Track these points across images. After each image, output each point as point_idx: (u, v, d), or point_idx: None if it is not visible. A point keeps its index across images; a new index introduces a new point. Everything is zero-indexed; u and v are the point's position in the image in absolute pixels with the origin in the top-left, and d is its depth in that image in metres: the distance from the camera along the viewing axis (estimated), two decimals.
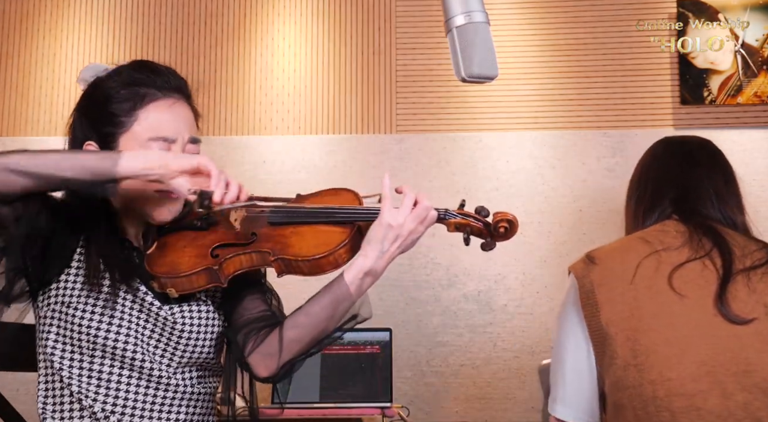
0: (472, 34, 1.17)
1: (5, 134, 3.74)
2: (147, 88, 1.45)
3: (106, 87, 1.47)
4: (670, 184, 1.62)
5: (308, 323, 1.44)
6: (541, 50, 3.67)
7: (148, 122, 1.43)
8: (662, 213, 1.58)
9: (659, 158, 1.71)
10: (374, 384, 3.07)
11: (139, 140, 1.43)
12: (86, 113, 1.49)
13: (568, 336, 1.50)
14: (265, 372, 1.47)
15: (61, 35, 3.82)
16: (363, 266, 1.42)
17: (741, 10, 3.56)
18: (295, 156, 3.59)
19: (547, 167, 3.57)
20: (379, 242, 1.42)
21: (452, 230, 1.51)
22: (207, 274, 1.43)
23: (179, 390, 1.44)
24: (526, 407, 3.40)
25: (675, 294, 1.38)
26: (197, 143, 1.51)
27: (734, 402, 1.30)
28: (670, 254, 1.44)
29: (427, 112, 3.66)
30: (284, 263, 1.43)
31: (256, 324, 1.50)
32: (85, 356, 1.40)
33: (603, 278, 1.46)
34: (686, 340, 1.35)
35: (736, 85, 3.53)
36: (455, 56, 1.18)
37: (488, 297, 3.49)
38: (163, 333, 1.43)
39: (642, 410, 1.35)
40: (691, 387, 1.32)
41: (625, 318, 1.40)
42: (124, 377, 1.40)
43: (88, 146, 1.47)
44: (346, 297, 1.44)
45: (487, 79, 1.18)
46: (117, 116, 1.44)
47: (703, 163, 1.65)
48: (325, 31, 3.75)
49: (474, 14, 1.17)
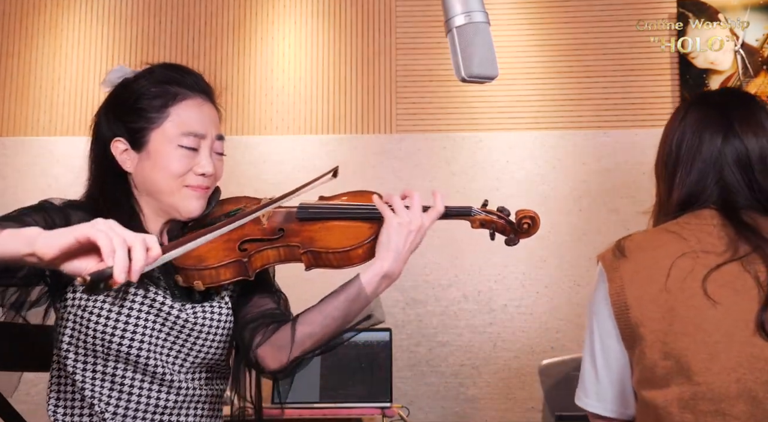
0: (472, 34, 1.16)
1: (5, 134, 3.74)
2: (178, 87, 1.50)
3: (137, 85, 1.50)
4: (712, 163, 1.47)
5: (321, 320, 1.46)
6: (541, 50, 3.67)
7: (180, 119, 1.47)
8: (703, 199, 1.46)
9: (700, 125, 1.51)
10: (374, 384, 3.07)
11: (171, 136, 1.46)
12: (115, 111, 1.51)
13: (599, 329, 1.48)
14: (274, 365, 1.48)
15: (61, 35, 3.82)
16: (381, 269, 1.46)
17: (741, 10, 3.56)
18: (295, 156, 3.59)
19: (547, 167, 3.57)
20: (393, 242, 1.45)
21: (477, 226, 1.57)
22: (236, 267, 1.44)
23: (189, 393, 1.46)
24: (526, 407, 3.40)
25: (708, 299, 1.34)
26: (223, 140, 1.55)
27: (763, 411, 1.28)
28: (707, 257, 1.38)
29: (427, 112, 3.66)
30: (313, 256, 1.47)
31: (264, 320, 1.52)
32: (99, 360, 1.41)
33: (634, 276, 1.42)
34: (717, 346, 1.32)
35: (736, 86, 3.53)
36: (455, 56, 1.18)
37: (488, 297, 3.49)
38: (178, 337, 1.44)
39: (664, 410, 1.34)
40: (719, 392, 1.30)
41: (656, 320, 1.37)
42: (137, 381, 1.41)
43: (116, 142, 1.49)
44: (362, 298, 1.46)
45: (487, 79, 1.18)
46: (148, 112, 1.48)
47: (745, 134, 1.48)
48: (325, 31, 3.75)
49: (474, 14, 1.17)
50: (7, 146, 3.71)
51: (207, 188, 1.51)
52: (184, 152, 1.47)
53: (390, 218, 1.46)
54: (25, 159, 3.70)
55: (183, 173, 1.47)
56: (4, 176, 3.68)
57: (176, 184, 1.47)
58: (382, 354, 3.12)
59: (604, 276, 1.46)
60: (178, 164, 1.46)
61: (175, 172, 1.46)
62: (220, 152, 1.54)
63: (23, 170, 3.68)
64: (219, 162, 1.53)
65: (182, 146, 1.46)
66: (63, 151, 3.67)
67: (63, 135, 3.71)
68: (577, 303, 3.41)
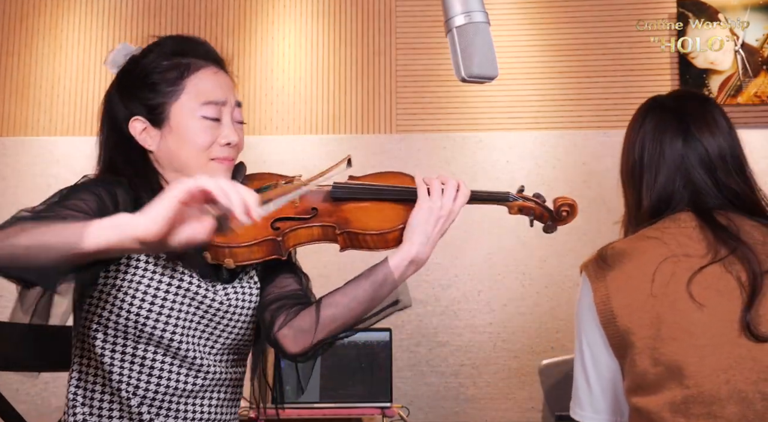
0: (472, 34, 1.16)
1: (5, 134, 3.74)
2: (190, 57, 1.46)
3: (147, 61, 1.46)
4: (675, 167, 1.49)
5: (347, 303, 1.43)
6: (541, 50, 3.67)
7: (197, 89, 1.44)
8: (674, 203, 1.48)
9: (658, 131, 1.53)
10: (374, 384, 3.07)
11: (191, 106, 1.43)
12: (128, 90, 1.47)
13: (587, 340, 1.48)
14: (295, 348, 1.44)
15: (61, 35, 3.82)
16: (409, 253, 1.42)
17: (741, 10, 3.56)
18: (295, 156, 3.59)
19: (547, 167, 3.58)
20: (422, 226, 1.43)
21: (515, 212, 1.56)
22: (269, 245, 1.41)
23: (216, 376, 1.45)
24: (526, 407, 3.40)
25: (693, 302, 1.34)
26: (241, 108, 1.52)
27: (753, 412, 1.29)
28: (690, 260, 1.38)
29: (427, 112, 3.66)
30: (350, 237, 1.44)
31: (287, 301, 1.48)
32: (129, 342, 1.38)
33: (618, 284, 1.42)
34: (705, 349, 1.33)
35: (736, 85, 3.53)
36: (455, 56, 1.18)
37: (488, 297, 3.49)
38: (211, 320, 1.42)
39: (656, 415, 1.34)
40: (710, 394, 1.30)
41: (644, 326, 1.37)
42: (167, 364, 1.40)
43: (134, 121, 1.45)
44: (389, 282, 1.43)
45: (487, 79, 1.18)
46: (164, 87, 1.44)
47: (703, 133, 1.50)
48: (325, 31, 3.75)
49: (474, 14, 1.17)
50: (7, 146, 3.71)
51: (232, 159, 1.48)
52: (208, 123, 1.43)
53: (423, 201, 1.44)
54: (25, 159, 3.70)
55: (209, 144, 1.43)
56: (4, 176, 3.68)
57: (203, 157, 1.43)
58: (382, 354, 3.12)
59: (589, 286, 1.47)
60: (203, 135, 1.42)
61: (201, 144, 1.42)
62: (240, 121, 1.50)
63: (23, 170, 3.68)
64: (240, 131, 1.50)
65: (205, 116, 1.43)
66: (63, 151, 3.67)
67: (63, 135, 3.71)
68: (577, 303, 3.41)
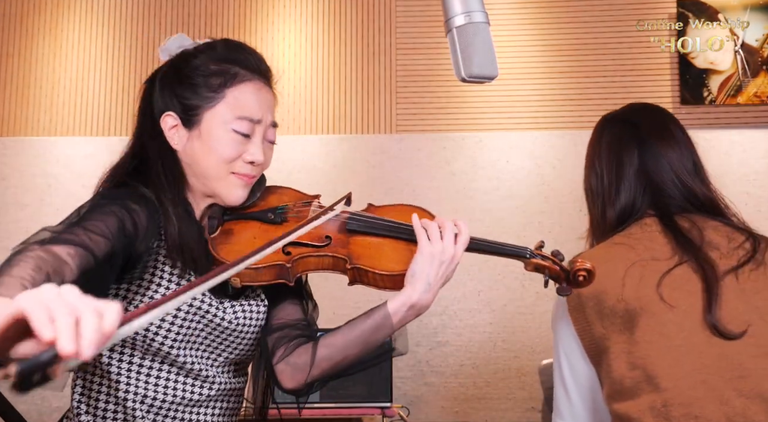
0: (472, 34, 1.16)
1: (5, 134, 3.74)
2: (239, 67, 1.44)
3: (197, 60, 1.44)
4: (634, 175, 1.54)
5: (343, 345, 1.43)
6: (541, 50, 3.67)
7: (236, 101, 1.41)
8: (637, 210, 1.52)
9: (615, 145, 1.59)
10: (374, 384, 3.06)
11: (225, 118, 1.40)
12: (170, 84, 1.45)
13: (564, 350, 1.49)
14: (291, 384, 1.46)
15: (61, 35, 3.82)
16: (410, 299, 1.38)
17: (741, 10, 3.56)
18: (295, 156, 3.59)
19: (547, 167, 3.57)
20: (424, 273, 1.38)
21: (530, 269, 1.48)
22: (277, 270, 1.39)
23: (222, 387, 1.45)
24: (526, 407, 3.40)
25: (664, 304, 1.36)
26: (276, 128, 1.49)
27: (732, 408, 1.29)
28: (658, 263, 1.41)
29: (427, 112, 3.66)
30: (359, 273, 1.40)
31: (290, 331, 1.48)
32: (136, 353, 1.38)
33: (591, 292, 1.43)
34: (680, 349, 1.34)
35: (736, 85, 3.53)
36: (455, 56, 1.18)
37: (488, 297, 3.49)
38: (218, 336, 1.42)
39: (638, 420, 1.34)
40: (688, 395, 1.31)
41: (618, 331, 1.38)
42: (173, 374, 1.40)
43: (167, 116, 1.43)
44: (386, 327, 1.41)
45: (487, 79, 1.18)
46: (205, 90, 1.42)
47: (658, 141, 1.55)
48: (325, 32, 3.75)
49: (474, 14, 1.17)
50: (7, 146, 3.71)
51: (254, 177, 1.45)
52: (237, 137, 1.40)
53: (424, 246, 1.39)
54: (25, 159, 3.70)
55: (233, 158, 1.41)
56: (4, 176, 3.68)
57: (224, 169, 1.41)
58: None
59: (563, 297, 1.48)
60: (229, 148, 1.40)
61: (226, 157, 1.40)
62: (272, 141, 1.48)
63: (23, 170, 3.67)
64: (269, 151, 1.47)
65: (236, 130, 1.40)
66: (63, 151, 3.67)
67: (63, 135, 3.71)
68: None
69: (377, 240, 1.44)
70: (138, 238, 1.31)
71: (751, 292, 1.37)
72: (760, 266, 1.40)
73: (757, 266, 1.40)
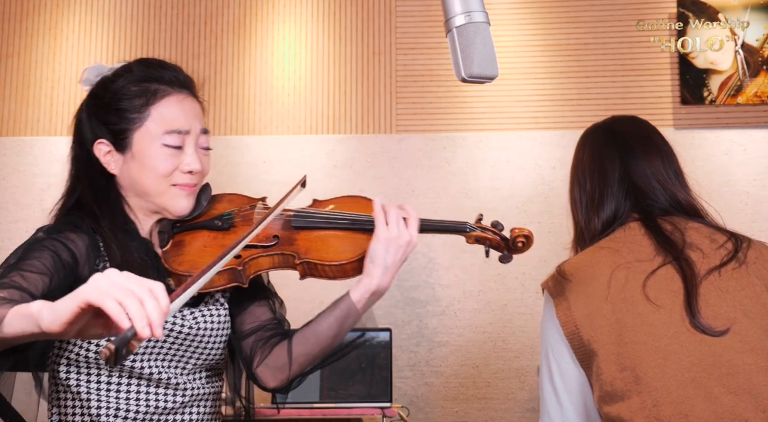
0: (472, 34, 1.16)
1: (5, 134, 3.74)
2: (158, 84, 1.47)
3: (115, 85, 1.48)
4: (617, 182, 1.58)
5: (315, 339, 1.48)
6: (541, 50, 3.67)
7: (161, 117, 1.45)
8: (621, 215, 1.56)
9: (597, 153, 1.65)
10: (374, 384, 3.07)
11: (154, 134, 1.44)
12: (96, 112, 1.49)
13: (553, 355, 1.50)
14: (274, 383, 1.51)
15: (61, 35, 3.82)
16: (369, 286, 1.45)
17: (741, 10, 3.56)
18: (295, 156, 3.59)
19: (547, 167, 3.57)
20: (381, 258, 1.44)
21: (472, 242, 1.55)
22: (230, 274, 1.43)
23: (193, 392, 1.47)
24: (526, 407, 3.40)
25: (651, 304, 1.38)
26: (207, 135, 1.53)
27: (721, 406, 1.30)
28: (642, 264, 1.43)
29: (427, 112, 3.66)
30: (309, 267, 1.45)
31: (263, 334, 1.53)
32: (103, 371, 1.41)
33: (577, 296, 1.46)
34: (667, 349, 1.35)
35: (736, 85, 3.53)
36: (455, 56, 1.18)
37: (488, 297, 3.49)
38: (181, 345, 1.44)
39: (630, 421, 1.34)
40: (678, 394, 1.32)
41: (606, 333, 1.39)
42: (143, 386, 1.42)
43: (99, 144, 1.47)
44: (353, 314, 1.47)
45: (487, 79, 1.18)
46: (129, 113, 1.45)
47: (640, 149, 1.60)
48: (325, 32, 3.75)
49: (474, 14, 1.17)
50: (7, 146, 3.71)
51: (195, 185, 1.49)
52: (169, 151, 1.44)
53: (380, 231, 1.44)
54: (25, 159, 3.70)
55: (170, 172, 1.45)
56: (4, 176, 3.68)
57: (164, 184, 1.45)
58: (382, 354, 3.12)
59: (551, 302, 1.51)
60: (164, 163, 1.44)
61: (162, 172, 1.44)
62: (205, 147, 1.51)
63: (23, 170, 3.68)
64: (205, 157, 1.51)
65: (166, 144, 1.44)
66: (63, 151, 3.66)
67: (63, 135, 3.71)
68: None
69: (322, 234, 1.49)
70: (79, 264, 1.37)
71: (735, 290, 1.39)
72: (743, 264, 1.43)
73: (739, 265, 1.42)
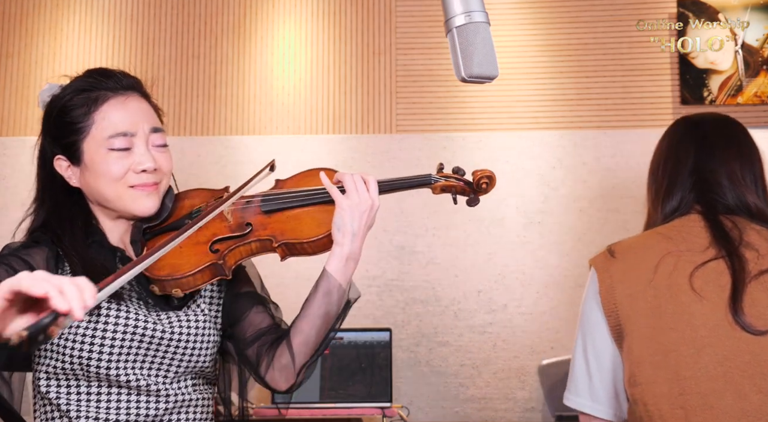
0: (473, 34, 1.16)
1: (5, 134, 3.74)
2: (98, 91, 1.47)
3: (60, 100, 1.49)
4: (687, 173, 1.57)
5: (310, 324, 1.48)
6: (541, 50, 3.67)
7: (104, 122, 1.45)
8: (684, 206, 1.55)
9: (674, 144, 1.64)
10: (374, 384, 3.07)
11: (99, 141, 1.44)
12: (48, 130, 1.51)
13: (590, 330, 1.51)
14: (286, 384, 1.52)
15: (61, 35, 3.82)
16: (342, 254, 1.46)
17: (741, 10, 3.56)
18: (295, 156, 3.59)
19: (547, 167, 3.58)
20: (348, 225, 1.45)
21: (438, 192, 1.58)
22: (212, 269, 1.45)
23: (177, 399, 1.46)
24: (526, 407, 3.40)
25: (695, 294, 1.39)
26: (160, 132, 1.51)
27: (749, 403, 1.31)
28: (693, 255, 1.44)
29: (427, 112, 3.66)
30: (288, 248, 1.47)
31: (266, 339, 1.54)
32: (82, 381, 1.41)
33: (623, 274, 1.47)
34: (704, 340, 1.36)
35: (736, 85, 3.53)
36: (455, 56, 1.18)
37: (488, 297, 3.49)
38: (157, 350, 1.43)
39: (654, 406, 1.35)
40: (706, 386, 1.33)
41: (644, 316, 1.41)
42: (123, 394, 1.42)
43: (57, 160, 1.49)
44: (335, 287, 1.47)
45: (487, 79, 1.18)
46: (75, 124, 1.46)
47: (718, 145, 1.59)
48: (325, 31, 3.75)
49: (474, 14, 1.17)
50: (7, 146, 3.72)
51: (154, 184, 1.48)
52: (117, 154, 1.44)
53: (340, 200, 1.46)
54: (25, 159, 3.69)
55: (122, 174, 1.44)
56: (4, 176, 3.68)
57: (120, 187, 1.45)
58: (382, 354, 3.13)
59: (595, 277, 1.51)
60: (114, 167, 1.44)
61: (114, 175, 1.44)
62: (160, 144, 1.49)
63: (23, 170, 3.67)
64: (161, 154, 1.49)
65: (112, 148, 1.44)
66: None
67: None
68: (577, 303, 3.38)
69: (294, 212, 1.51)
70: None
71: None
72: None
73: None
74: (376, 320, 3.42)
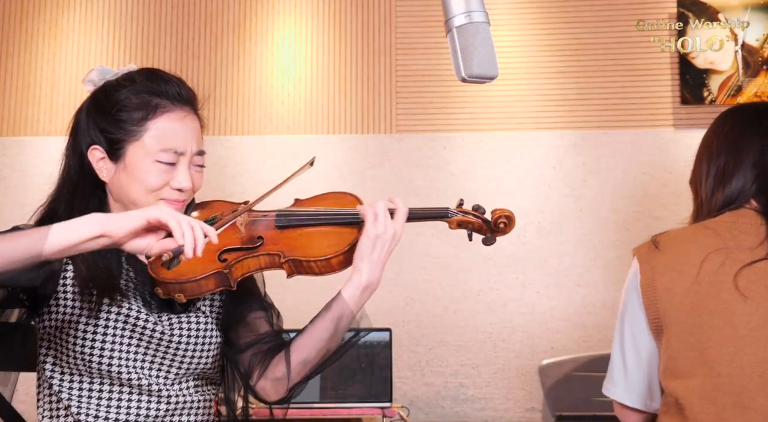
0: (473, 34, 1.16)
1: (5, 134, 3.74)
2: (159, 98, 1.46)
3: (117, 94, 1.47)
4: (751, 164, 1.50)
5: (313, 344, 1.47)
6: (541, 50, 3.67)
7: (159, 133, 1.44)
8: (741, 198, 1.49)
9: (735, 131, 1.55)
10: (374, 384, 3.07)
11: (148, 150, 1.43)
12: (94, 119, 1.49)
13: (629, 321, 1.50)
14: (275, 397, 1.51)
15: (61, 35, 3.82)
16: (360, 282, 1.46)
17: (741, 10, 3.56)
18: (295, 156, 3.59)
19: (547, 167, 3.57)
20: (369, 254, 1.45)
21: (454, 227, 1.55)
22: (216, 278, 1.44)
23: (179, 400, 1.46)
24: (526, 407, 3.40)
25: (738, 293, 1.37)
26: (203, 155, 1.52)
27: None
28: (741, 253, 1.41)
29: (427, 112, 3.66)
30: (295, 265, 1.46)
31: (261, 347, 1.52)
32: (84, 377, 1.41)
33: (666, 267, 1.45)
34: (743, 340, 1.35)
35: (736, 85, 3.53)
36: (455, 56, 1.18)
37: (488, 297, 3.49)
38: (157, 350, 1.44)
39: (685, 398, 1.35)
40: (741, 385, 1.32)
41: (684, 311, 1.39)
42: (125, 394, 1.42)
43: (93, 149, 1.48)
44: (346, 314, 1.46)
45: (487, 79, 1.18)
46: (127, 125, 1.45)
47: None
48: (325, 31, 3.75)
49: (474, 14, 1.17)
50: (7, 146, 3.71)
51: (183, 201, 1.48)
52: (162, 167, 1.44)
53: (370, 229, 1.45)
54: (25, 159, 3.70)
55: (159, 187, 1.44)
56: (4, 176, 3.68)
57: (152, 197, 1.45)
58: (382, 354, 3.13)
59: (637, 268, 1.49)
60: (154, 179, 1.44)
61: (152, 187, 1.44)
62: (200, 165, 1.50)
63: (23, 170, 3.68)
64: (198, 175, 1.50)
65: (160, 161, 1.43)
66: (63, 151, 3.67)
67: (63, 135, 3.70)
68: (577, 303, 3.41)
69: (307, 230, 1.50)
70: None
71: None
72: None
73: None
74: (376, 320, 3.42)
